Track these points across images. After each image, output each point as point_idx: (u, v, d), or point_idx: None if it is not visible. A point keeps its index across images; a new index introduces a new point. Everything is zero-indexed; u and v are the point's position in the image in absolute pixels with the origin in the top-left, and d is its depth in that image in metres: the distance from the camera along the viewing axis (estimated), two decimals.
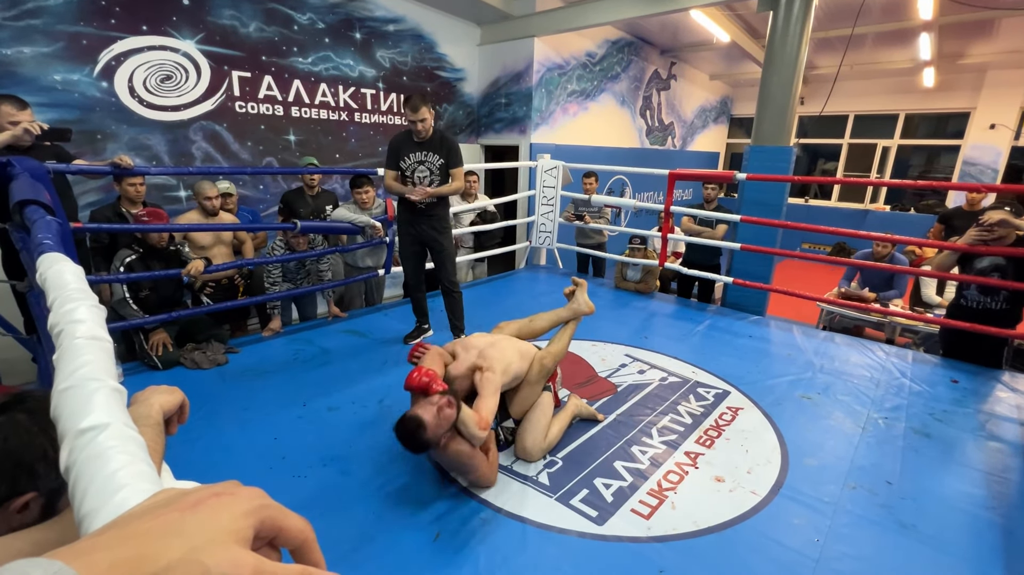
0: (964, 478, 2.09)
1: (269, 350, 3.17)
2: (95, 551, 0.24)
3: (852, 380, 2.94)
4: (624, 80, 7.60)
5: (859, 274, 4.43)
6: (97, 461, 0.41)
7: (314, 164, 4.00)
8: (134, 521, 0.28)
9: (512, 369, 1.99)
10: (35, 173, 1.97)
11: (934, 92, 8.68)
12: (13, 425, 0.74)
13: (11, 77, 3.25)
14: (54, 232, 1.19)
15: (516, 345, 2.10)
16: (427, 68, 5.79)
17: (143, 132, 3.89)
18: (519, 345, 2.12)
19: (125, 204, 3.06)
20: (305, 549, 0.32)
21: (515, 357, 2.02)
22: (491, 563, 1.59)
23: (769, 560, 1.64)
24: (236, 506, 0.29)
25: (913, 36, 6.64)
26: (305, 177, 3.84)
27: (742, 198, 4.10)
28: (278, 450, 2.14)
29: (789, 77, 3.88)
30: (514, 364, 2.00)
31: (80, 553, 0.24)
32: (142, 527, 0.27)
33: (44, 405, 0.76)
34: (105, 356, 0.60)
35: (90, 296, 0.76)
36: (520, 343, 2.16)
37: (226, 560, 0.26)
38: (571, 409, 2.34)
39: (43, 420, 0.75)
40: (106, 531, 0.27)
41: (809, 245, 9.64)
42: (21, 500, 0.72)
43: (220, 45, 4.18)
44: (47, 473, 0.74)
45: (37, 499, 0.74)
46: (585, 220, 4.97)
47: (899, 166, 9.52)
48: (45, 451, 0.75)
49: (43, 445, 0.75)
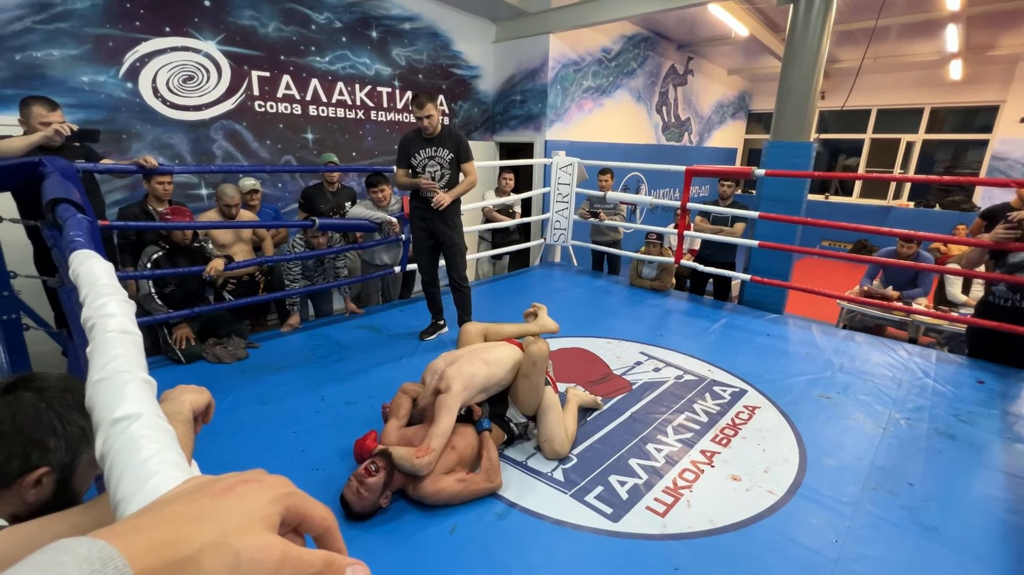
0: (989, 481, 2.04)
1: (288, 345, 3.22)
2: (134, 532, 0.26)
3: (873, 380, 2.89)
4: (640, 76, 7.53)
5: (882, 272, 4.34)
6: (130, 449, 0.42)
7: (334, 162, 4.05)
8: (168, 506, 0.29)
9: (478, 380, 1.96)
10: (65, 172, 2.03)
11: (961, 85, 8.43)
12: (20, 402, 0.76)
13: (41, 79, 3.35)
14: (85, 230, 1.23)
15: (481, 355, 2.05)
16: (442, 66, 5.81)
17: (166, 132, 3.97)
18: (485, 354, 2.06)
19: (152, 202, 3.14)
20: (328, 536, 0.33)
21: (479, 367, 1.98)
22: (506, 557, 1.61)
23: (786, 560, 1.62)
24: (263, 493, 0.30)
25: (940, 27, 6.46)
26: (326, 173, 3.90)
27: (760, 194, 4.04)
28: (297, 443, 2.19)
29: (810, 71, 3.81)
30: (479, 374, 1.96)
31: (120, 534, 0.25)
32: (176, 511, 0.28)
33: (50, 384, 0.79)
34: (135, 349, 0.62)
35: (120, 291, 0.78)
36: (488, 351, 2.09)
37: (255, 544, 0.27)
38: (574, 400, 2.36)
39: (50, 397, 0.78)
40: (142, 514, 0.29)
41: (829, 243, 9.46)
42: (34, 475, 0.74)
43: (240, 45, 4.25)
44: (58, 447, 0.76)
45: (50, 474, 0.76)
46: (600, 217, 4.95)
47: (924, 161, 9.28)
48: (54, 426, 0.76)
49: (51, 420, 0.77)
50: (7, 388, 0.78)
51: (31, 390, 0.78)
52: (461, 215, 3.24)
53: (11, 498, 0.74)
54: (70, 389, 0.81)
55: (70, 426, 0.78)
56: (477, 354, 2.07)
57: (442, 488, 1.76)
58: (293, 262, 3.46)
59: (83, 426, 0.79)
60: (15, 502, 0.75)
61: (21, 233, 2.71)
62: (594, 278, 4.96)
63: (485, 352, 2.09)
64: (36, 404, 0.77)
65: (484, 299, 4.15)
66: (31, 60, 3.31)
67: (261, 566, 0.27)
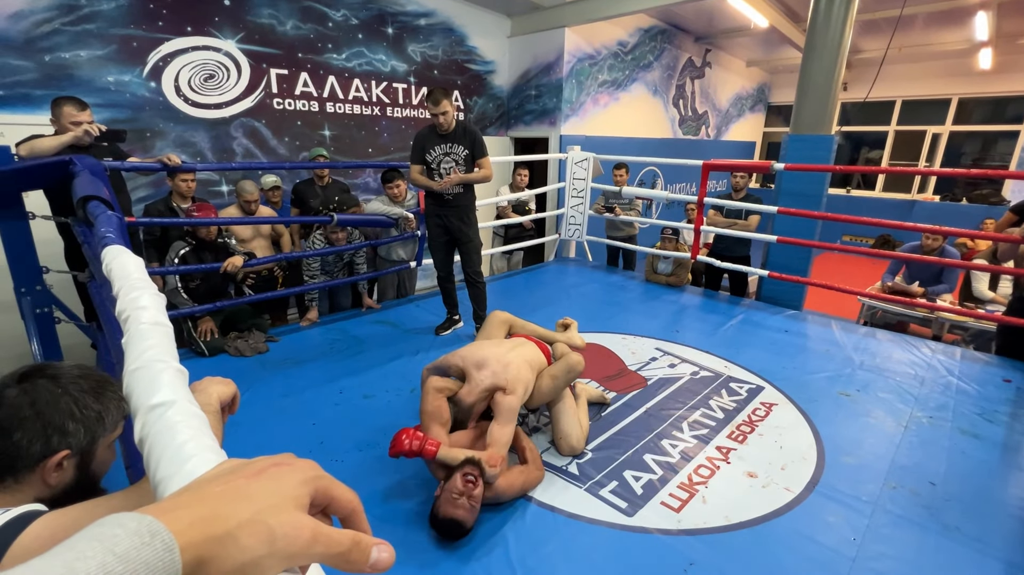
0: (1016, 482, 2.00)
1: (307, 339, 3.28)
2: (177, 509, 0.28)
3: (895, 377, 2.83)
4: (657, 69, 7.44)
5: (905, 268, 4.24)
6: (168, 433, 0.45)
7: (324, 156, 4.07)
8: (206, 486, 0.31)
9: (530, 386, 1.97)
10: (94, 170, 2.10)
11: (991, 74, 8.16)
12: (37, 389, 0.78)
13: (69, 79, 3.45)
14: (115, 226, 1.27)
15: (525, 356, 2.03)
16: (457, 61, 5.82)
17: (188, 130, 4.06)
18: (526, 355, 2.06)
19: (176, 199, 3.22)
20: (354, 518, 0.35)
21: (528, 372, 1.98)
22: (521, 549, 1.63)
23: (803, 557, 1.61)
24: (294, 475, 0.32)
25: (969, 15, 6.25)
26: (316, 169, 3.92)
27: (779, 189, 3.98)
28: (316, 435, 2.23)
29: (832, 62, 3.72)
30: (532, 381, 1.98)
31: (165, 511, 0.27)
32: (214, 491, 0.30)
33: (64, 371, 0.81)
34: (167, 340, 0.65)
35: (151, 285, 0.81)
36: (527, 351, 2.09)
37: (288, 523, 0.29)
38: (584, 397, 2.36)
39: (65, 383, 0.80)
40: (184, 493, 0.31)
41: (850, 238, 9.26)
42: (56, 458, 0.77)
43: (259, 43, 4.31)
44: (76, 431, 0.78)
45: (71, 458, 0.79)
46: (615, 212, 4.92)
47: (951, 154, 9.01)
48: (72, 411, 0.79)
49: (69, 405, 0.79)
50: (22, 377, 0.80)
51: (46, 377, 0.80)
52: (476, 211, 3.25)
53: (35, 481, 0.77)
54: (84, 375, 0.83)
55: (86, 410, 0.80)
56: (523, 357, 2.02)
57: (512, 483, 1.77)
58: (312, 258, 3.51)
59: (99, 410, 0.81)
60: (39, 486, 0.77)
61: (53, 230, 2.80)
62: (609, 273, 4.95)
63: (525, 353, 2.06)
64: (53, 390, 0.79)
65: (499, 294, 4.17)
66: (60, 61, 3.40)
67: (294, 543, 0.28)
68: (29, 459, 0.75)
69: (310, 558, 0.29)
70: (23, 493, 0.76)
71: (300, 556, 0.29)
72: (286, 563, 0.28)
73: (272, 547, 0.28)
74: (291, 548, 0.28)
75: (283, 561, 0.28)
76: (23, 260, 2.57)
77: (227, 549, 0.27)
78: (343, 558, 0.30)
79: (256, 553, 0.27)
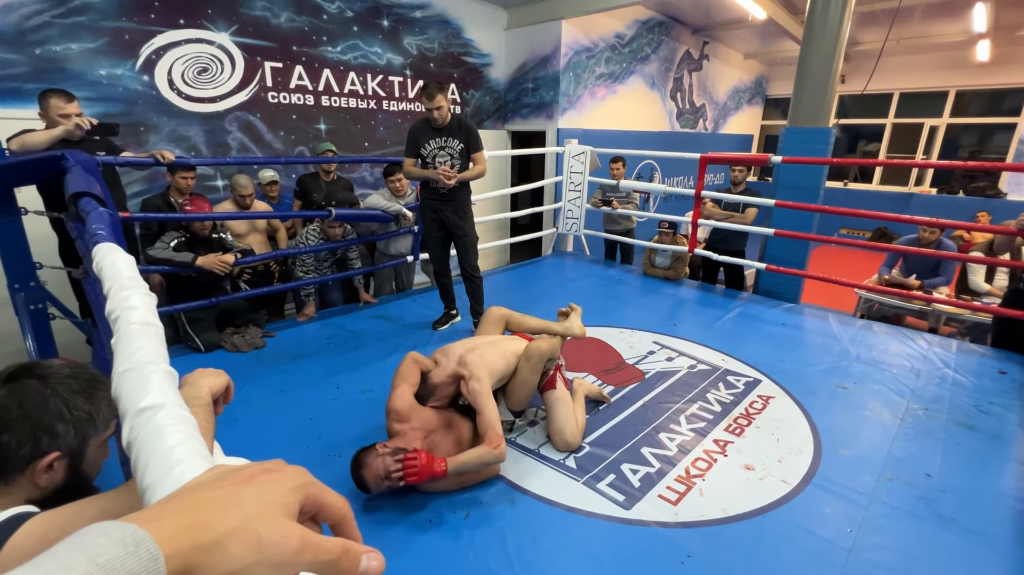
0: (1011, 473, 2.01)
1: (304, 334, 3.27)
2: (163, 518, 0.27)
3: (891, 370, 2.85)
4: (654, 61, 7.40)
5: (902, 261, 4.25)
6: (156, 438, 0.44)
7: (332, 151, 4.05)
8: (194, 492, 0.30)
9: (496, 371, 2.00)
10: (86, 166, 2.07)
11: (989, 66, 8.14)
12: (25, 389, 0.76)
13: (61, 72, 3.41)
14: (106, 223, 1.26)
15: (497, 347, 2.08)
16: (453, 54, 5.77)
17: (182, 124, 4.02)
18: (500, 346, 2.10)
19: (174, 194, 3.20)
20: (345, 525, 0.34)
21: (497, 359, 2.02)
22: (519, 542, 1.63)
23: (800, 548, 1.62)
24: (284, 482, 0.32)
25: (967, 6, 6.23)
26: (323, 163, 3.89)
27: (777, 182, 3.97)
28: (314, 430, 2.23)
29: (829, 54, 3.71)
30: (497, 366, 2.01)
31: (151, 519, 0.27)
32: (202, 498, 0.29)
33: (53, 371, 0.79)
34: (157, 341, 0.64)
35: (142, 284, 0.80)
36: (502, 343, 2.13)
37: (276, 530, 0.28)
38: (582, 392, 2.36)
39: (54, 383, 0.78)
40: (171, 500, 0.30)
41: (848, 231, 9.27)
42: (46, 460, 0.75)
43: (253, 36, 4.26)
44: (66, 432, 0.77)
45: (61, 459, 0.77)
46: (613, 206, 4.91)
47: (948, 146, 9.01)
48: (61, 412, 0.77)
49: (58, 406, 0.77)
50: (9, 376, 0.78)
51: (35, 378, 0.78)
52: (472, 205, 3.24)
53: (25, 483, 0.76)
54: (73, 375, 0.81)
55: (76, 411, 0.78)
56: (495, 345, 2.09)
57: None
58: (306, 254, 3.49)
59: (89, 411, 0.80)
60: (29, 487, 0.76)
61: (46, 225, 2.78)
62: (607, 267, 4.94)
63: (502, 344, 2.12)
64: (41, 391, 0.77)
65: (496, 289, 4.17)
66: (50, 54, 3.36)
67: (282, 551, 0.28)
68: (18, 462, 0.74)
69: (299, 566, 0.29)
70: (13, 495, 0.75)
71: (289, 564, 0.28)
72: (274, 572, 0.28)
73: (260, 555, 0.27)
74: (279, 556, 0.28)
75: (271, 570, 0.28)
76: (16, 256, 2.54)
77: (214, 557, 0.26)
78: (332, 566, 0.29)
79: (244, 561, 0.27)
